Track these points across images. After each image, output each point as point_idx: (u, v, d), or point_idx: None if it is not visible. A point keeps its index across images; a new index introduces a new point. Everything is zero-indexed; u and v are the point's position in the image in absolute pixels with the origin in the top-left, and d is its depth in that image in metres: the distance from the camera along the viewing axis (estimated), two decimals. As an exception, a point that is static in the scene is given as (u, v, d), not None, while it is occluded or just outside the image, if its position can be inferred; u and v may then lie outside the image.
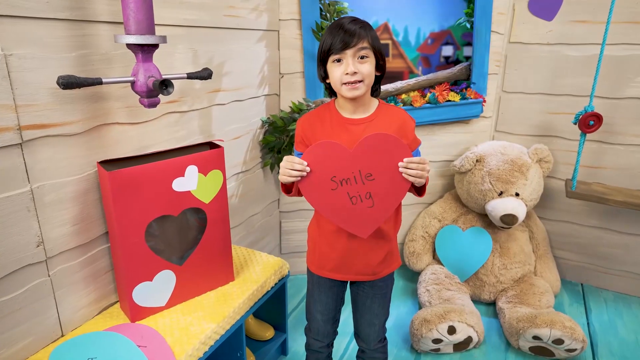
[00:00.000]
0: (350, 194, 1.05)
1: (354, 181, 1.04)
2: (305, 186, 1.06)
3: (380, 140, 1.02)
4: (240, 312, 1.30)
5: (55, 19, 0.98)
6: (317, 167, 1.04)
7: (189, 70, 1.40)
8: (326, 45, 1.04)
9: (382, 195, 1.05)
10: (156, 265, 1.19)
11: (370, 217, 1.08)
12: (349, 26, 1.02)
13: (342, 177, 1.04)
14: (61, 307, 1.10)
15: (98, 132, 1.14)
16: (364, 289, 1.22)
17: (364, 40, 1.03)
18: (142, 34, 0.98)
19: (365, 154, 1.03)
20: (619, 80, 1.93)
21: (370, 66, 1.05)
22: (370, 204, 1.06)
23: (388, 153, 1.02)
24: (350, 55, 1.02)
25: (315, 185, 1.06)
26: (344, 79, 1.04)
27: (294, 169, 1.02)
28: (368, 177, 1.04)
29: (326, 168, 1.04)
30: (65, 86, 0.90)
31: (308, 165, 1.03)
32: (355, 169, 1.04)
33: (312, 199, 1.08)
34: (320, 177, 1.05)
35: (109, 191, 1.06)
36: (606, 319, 1.96)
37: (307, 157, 1.04)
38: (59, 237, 1.07)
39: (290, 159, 1.04)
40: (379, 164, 1.03)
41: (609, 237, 2.12)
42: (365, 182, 1.04)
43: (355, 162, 1.04)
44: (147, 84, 1.02)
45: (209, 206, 1.26)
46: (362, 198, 1.05)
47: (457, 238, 2.07)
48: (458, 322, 1.65)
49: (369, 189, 1.05)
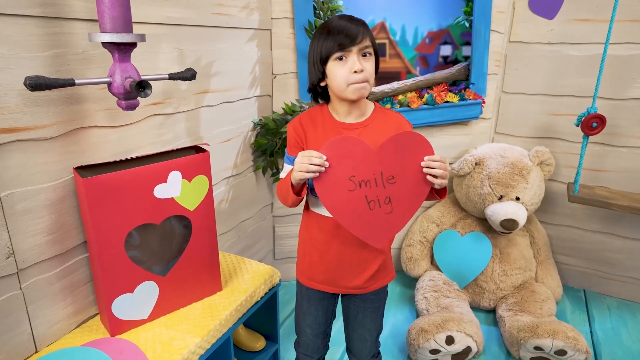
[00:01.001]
0: (368, 197, 0.97)
1: (374, 184, 0.96)
2: (320, 184, 0.96)
3: (407, 139, 0.95)
4: (228, 325, 1.23)
5: (25, 16, 0.92)
6: (335, 163, 0.95)
7: (175, 70, 1.33)
8: (327, 45, 0.96)
9: (402, 201, 0.98)
10: (137, 276, 1.13)
11: (387, 225, 1.00)
12: (350, 22, 0.97)
13: (361, 178, 0.96)
14: (35, 321, 1.03)
15: (75, 136, 1.07)
16: (355, 303, 1.16)
17: (367, 38, 0.98)
18: (117, 31, 0.92)
19: (390, 154, 0.95)
20: (622, 80, 1.87)
21: (372, 65, 1.00)
22: (388, 209, 0.98)
23: (413, 153, 0.95)
24: (356, 52, 0.96)
25: (332, 184, 0.96)
26: (352, 78, 0.96)
27: (312, 162, 0.92)
28: (390, 180, 0.96)
29: (345, 166, 0.95)
30: (34, 88, 0.84)
31: (327, 160, 0.94)
32: (377, 171, 0.96)
33: (327, 200, 0.98)
34: (338, 175, 0.95)
35: (85, 199, 1.00)
36: (610, 327, 1.90)
37: (326, 152, 0.94)
38: (32, 247, 1.01)
39: (308, 153, 0.94)
40: (403, 166, 0.96)
41: (612, 242, 2.06)
42: (386, 186, 0.96)
43: (378, 163, 0.95)
44: (124, 85, 0.95)
45: (194, 213, 1.20)
46: (380, 203, 0.97)
47: (455, 243, 2.01)
48: (457, 331, 1.59)
49: (389, 193, 0.97)
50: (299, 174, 0.95)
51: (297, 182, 0.98)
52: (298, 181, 0.98)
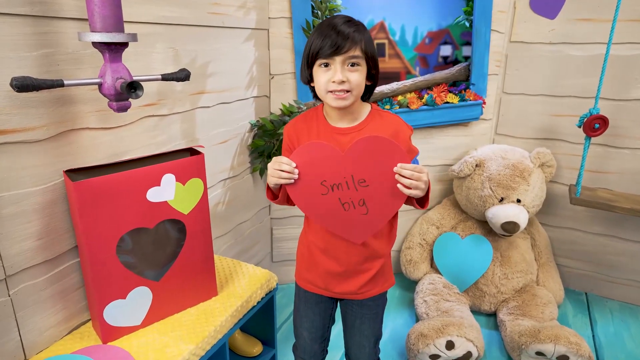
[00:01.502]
0: (342, 199, 0.97)
1: (346, 187, 0.96)
2: (293, 190, 0.99)
3: (374, 143, 0.93)
4: (223, 331, 1.21)
5: (13, 15, 0.89)
6: (306, 169, 0.96)
7: (170, 71, 1.31)
8: (314, 47, 0.94)
9: (377, 203, 0.97)
10: (130, 281, 1.10)
11: (365, 224, 0.99)
12: (342, 28, 0.92)
13: (333, 182, 0.96)
14: (24, 329, 1.01)
15: (66, 139, 1.04)
16: (352, 308, 1.13)
17: (357, 47, 0.93)
18: (108, 31, 0.90)
19: (358, 158, 0.94)
20: (625, 81, 1.84)
21: (361, 76, 0.95)
22: (364, 211, 0.97)
23: (383, 158, 0.93)
24: (340, 62, 0.93)
25: (305, 189, 0.98)
26: (330, 86, 0.94)
27: (282, 169, 0.95)
28: (361, 183, 0.95)
29: (316, 171, 0.96)
30: (20, 89, 0.81)
31: (297, 167, 0.95)
32: (347, 174, 0.95)
33: (301, 204, 1.01)
34: (310, 180, 0.97)
35: (75, 203, 0.97)
36: (612, 331, 1.87)
37: (295, 159, 0.96)
38: (21, 252, 0.98)
39: (278, 159, 0.96)
40: (373, 170, 0.94)
41: (614, 244, 2.03)
42: (358, 189, 0.96)
43: (347, 166, 0.95)
44: (115, 86, 0.93)
45: (188, 217, 1.17)
46: (355, 205, 0.97)
47: (455, 246, 1.98)
48: (457, 336, 1.57)
49: (362, 196, 0.96)
50: (271, 179, 0.99)
51: (273, 187, 1.02)
52: (272, 186, 1.02)
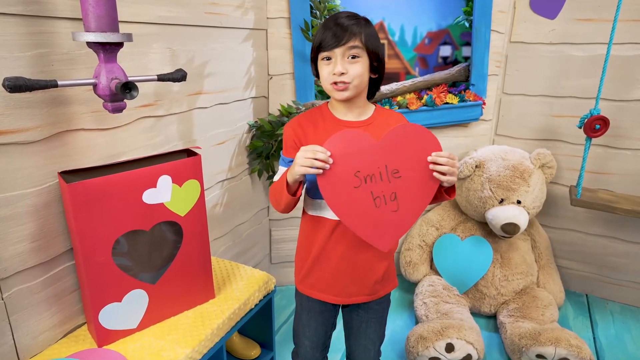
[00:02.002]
0: (374, 193, 0.94)
1: (379, 178, 0.93)
2: (325, 182, 0.92)
3: (409, 131, 0.92)
4: (220, 334, 1.19)
5: (6, 14, 0.88)
6: (340, 159, 0.91)
7: (166, 71, 1.29)
8: (316, 41, 0.96)
9: (408, 197, 0.95)
10: (125, 284, 1.08)
11: (393, 225, 0.96)
12: (342, 21, 0.94)
13: (367, 173, 0.93)
14: (18, 332, 0.99)
15: (61, 140, 1.03)
16: (358, 313, 1.12)
17: (356, 39, 0.93)
18: (102, 31, 0.88)
19: (393, 146, 0.92)
20: (625, 81, 1.83)
21: (362, 67, 0.95)
22: (394, 207, 0.95)
23: (418, 147, 0.92)
24: (340, 54, 0.94)
25: (337, 181, 0.92)
26: (331, 79, 0.95)
27: (317, 157, 0.88)
28: (394, 173, 0.93)
29: (350, 161, 0.92)
30: (13, 89, 0.80)
31: (331, 156, 0.90)
32: (381, 164, 0.93)
33: (331, 198, 0.94)
34: (343, 171, 0.92)
35: (70, 205, 0.95)
36: (613, 333, 1.86)
37: (329, 147, 0.91)
38: (15, 255, 0.97)
39: (311, 148, 0.89)
40: (407, 159, 0.93)
41: (615, 246, 2.02)
42: (391, 180, 0.93)
43: (382, 155, 0.92)
44: (109, 87, 0.91)
45: (185, 219, 1.16)
46: (386, 199, 0.94)
47: (455, 247, 1.97)
48: (457, 338, 1.55)
49: (394, 189, 0.94)
50: (301, 169, 0.90)
51: (295, 180, 0.94)
52: (297, 178, 0.93)
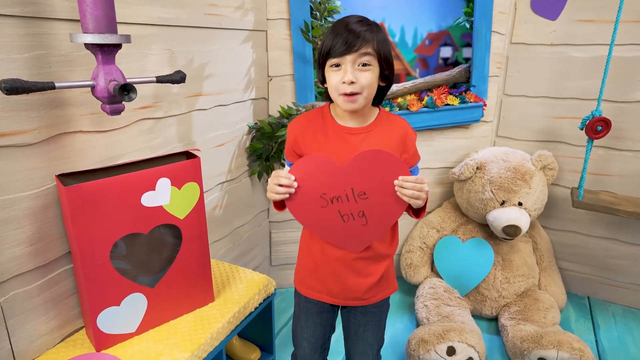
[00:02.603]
0: (341, 212, 0.97)
1: (346, 199, 0.96)
2: (292, 204, 0.98)
3: (375, 156, 0.93)
4: (220, 338, 1.18)
5: (3, 15, 0.87)
6: (305, 183, 0.96)
7: (165, 73, 1.28)
8: (326, 47, 0.93)
9: (376, 214, 0.97)
10: (124, 288, 1.07)
11: (364, 235, 0.99)
12: (353, 27, 0.90)
13: (332, 195, 0.96)
14: (15, 337, 0.98)
15: (59, 142, 1.02)
16: (355, 316, 1.11)
17: (368, 46, 0.90)
18: (100, 32, 0.87)
19: (358, 171, 0.94)
20: (627, 83, 1.82)
21: (372, 76, 0.93)
22: (363, 222, 0.98)
23: (384, 171, 0.93)
24: (350, 62, 0.91)
25: (304, 202, 0.98)
26: (341, 88, 0.92)
27: (280, 183, 0.94)
28: (361, 195, 0.95)
29: (315, 185, 0.96)
30: (9, 91, 0.79)
31: (296, 180, 0.94)
32: (347, 187, 0.95)
33: (300, 217, 1.00)
34: (309, 194, 0.96)
35: (67, 208, 0.94)
36: (615, 336, 1.85)
37: (294, 172, 0.95)
38: (12, 259, 0.96)
39: (277, 174, 0.95)
40: (373, 182, 0.94)
41: (617, 248, 2.01)
42: (358, 201, 0.96)
43: (347, 179, 0.95)
44: (108, 89, 0.90)
45: (184, 222, 1.15)
46: (354, 216, 0.97)
47: (456, 249, 1.96)
48: (458, 342, 1.54)
49: (361, 208, 0.96)
50: (269, 195, 0.98)
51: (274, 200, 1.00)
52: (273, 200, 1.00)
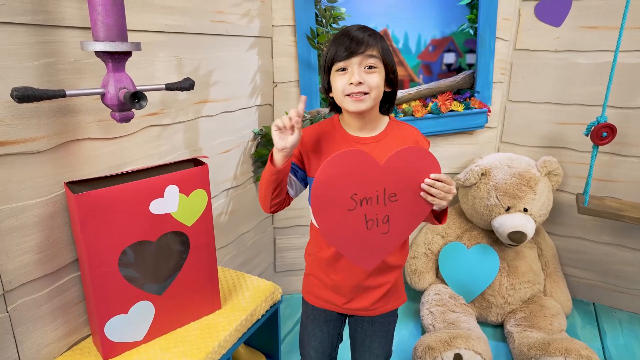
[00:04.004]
0: (367, 216, 0.91)
1: (376, 201, 0.90)
2: (318, 202, 0.88)
3: (414, 155, 0.89)
4: (227, 346, 1.18)
5: (14, 24, 0.87)
6: (338, 180, 0.88)
7: (172, 80, 1.29)
8: (330, 54, 0.94)
9: (400, 221, 0.93)
10: (132, 296, 1.07)
11: (381, 246, 0.95)
12: (356, 33, 0.92)
13: (364, 196, 0.89)
14: (22, 345, 0.98)
15: (67, 149, 1.02)
16: (362, 326, 1.10)
17: (373, 49, 0.92)
18: (111, 40, 0.88)
19: (395, 169, 0.89)
20: (632, 89, 1.82)
21: (379, 78, 0.93)
22: (385, 229, 0.93)
23: (419, 171, 0.90)
24: (356, 64, 0.92)
25: (331, 202, 0.88)
26: (348, 89, 0.92)
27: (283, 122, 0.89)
28: (391, 197, 0.90)
29: (348, 183, 0.88)
30: (21, 99, 0.79)
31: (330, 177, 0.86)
32: (380, 187, 0.90)
33: (322, 219, 0.90)
34: (340, 193, 0.88)
35: (76, 215, 0.94)
36: (622, 343, 1.84)
37: (328, 167, 0.87)
38: (20, 267, 0.95)
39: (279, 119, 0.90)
40: (407, 183, 0.90)
41: (622, 254, 2.00)
42: (387, 203, 0.91)
43: (382, 178, 0.89)
44: (118, 97, 0.91)
45: (192, 229, 1.14)
46: (378, 222, 0.92)
47: (461, 256, 1.95)
48: (464, 349, 1.53)
49: (388, 212, 0.91)
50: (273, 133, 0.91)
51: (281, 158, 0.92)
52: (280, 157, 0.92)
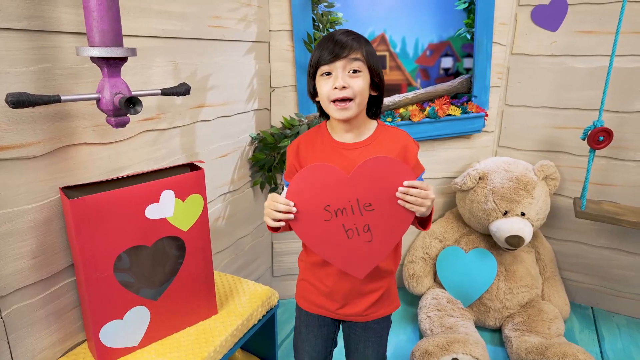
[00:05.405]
0: (345, 226, 0.93)
1: (351, 211, 0.92)
2: (294, 219, 0.93)
3: (382, 164, 0.89)
4: (223, 351, 1.17)
5: (9, 29, 0.87)
6: (309, 194, 0.91)
7: (169, 85, 1.29)
8: (315, 58, 0.94)
9: (382, 229, 0.93)
10: (127, 301, 1.07)
11: (368, 254, 0.95)
12: (340, 37, 0.92)
13: (337, 207, 0.91)
14: (16, 351, 0.97)
15: (63, 154, 1.02)
16: (356, 332, 1.09)
17: (357, 52, 0.92)
18: (107, 45, 0.88)
19: (364, 180, 0.90)
20: (628, 93, 1.83)
21: (363, 82, 0.93)
22: (368, 238, 0.93)
23: (391, 179, 0.89)
24: (340, 67, 0.92)
25: (306, 215, 0.93)
26: (332, 94, 0.92)
27: (278, 209, 0.90)
28: (367, 207, 0.91)
29: (319, 195, 0.91)
30: (16, 105, 0.79)
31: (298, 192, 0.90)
32: (352, 198, 0.91)
33: (302, 232, 0.95)
34: (313, 206, 0.92)
35: (71, 220, 0.94)
36: (620, 347, 1.83)
37: (297, 183, 0.91)
38: (15, 272, 0.95)
39: (274, 198, 0.91)
40: (379, 192, 0.91)
41: (620, 258, 2.00)
42: (363, 213, 0.91)
43: (352, 189, 0.91)
44: (113, 102, 0.91)
45: (188, 234, 1.14)
46: (359, 231, 0.93)
47: (459, 260, 1.95)
48: (462, 354, 1.53)
49: (367, 221, 0.92)
50: (266, 220, 0.94)
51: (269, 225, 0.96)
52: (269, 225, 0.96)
